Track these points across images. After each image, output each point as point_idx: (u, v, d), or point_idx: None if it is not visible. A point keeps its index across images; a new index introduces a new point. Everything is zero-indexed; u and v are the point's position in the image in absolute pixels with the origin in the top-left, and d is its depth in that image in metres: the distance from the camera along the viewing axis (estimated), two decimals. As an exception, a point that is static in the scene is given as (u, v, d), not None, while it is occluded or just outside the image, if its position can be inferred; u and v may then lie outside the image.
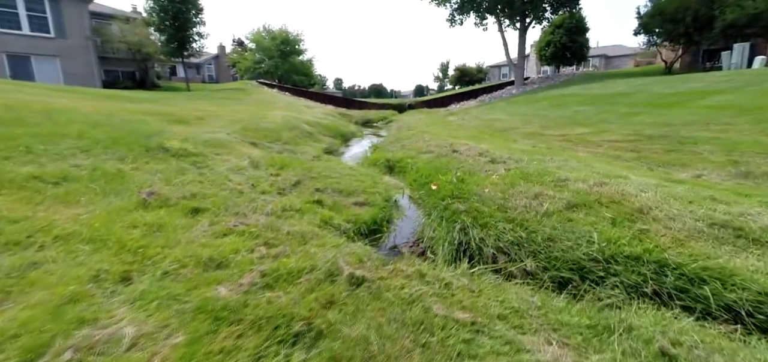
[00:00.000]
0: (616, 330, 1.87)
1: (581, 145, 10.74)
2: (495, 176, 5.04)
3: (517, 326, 1.89)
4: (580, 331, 1.88)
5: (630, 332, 1.86)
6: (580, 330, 1.89)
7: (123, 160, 4.84)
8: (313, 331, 1.77)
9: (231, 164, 5.96)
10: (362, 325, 1.81)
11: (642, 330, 1.87)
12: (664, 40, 29.79)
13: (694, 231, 3.07)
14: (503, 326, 1.87)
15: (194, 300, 2.00)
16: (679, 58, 30.17)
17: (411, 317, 1.89)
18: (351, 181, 5.87)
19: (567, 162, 6.45)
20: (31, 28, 25.91)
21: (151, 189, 3.88)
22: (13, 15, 25.10)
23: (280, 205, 4.27)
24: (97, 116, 6.76)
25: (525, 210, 3.69)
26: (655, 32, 30.17)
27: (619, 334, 1.85)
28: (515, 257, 3.15)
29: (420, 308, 1.99)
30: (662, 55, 31.90)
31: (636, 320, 2.00)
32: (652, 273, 2.72)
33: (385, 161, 8.47)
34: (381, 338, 1.71)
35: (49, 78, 26.07)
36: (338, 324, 1.81)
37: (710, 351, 1.73)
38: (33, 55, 26.27)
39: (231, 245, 2.82)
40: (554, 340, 1.78)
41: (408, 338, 1.73)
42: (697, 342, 1.81)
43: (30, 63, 26.15)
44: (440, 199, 4.45)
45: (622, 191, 3.95)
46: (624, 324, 1.93)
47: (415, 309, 1.98)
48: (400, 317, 1.89)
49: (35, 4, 26.04)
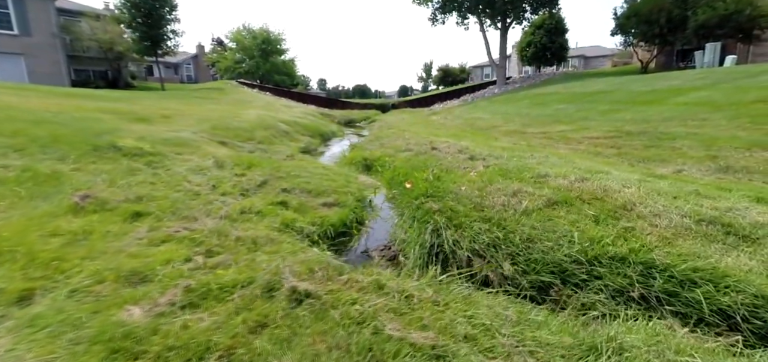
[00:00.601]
0: (604, 352, 1.59)
1: (562, 142, 10.66)
2: (473, 173, 4.76)
3: (488, 349, 1.59)
4: (562, 354, 1.59)
5: (621, 354, 1.58)
6: (562, 351, 1.60)
7: (63, 159, 4.35)
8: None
9: (192, 164, 5.51)
10: (296, 355, 1.48)
11: (634, 350, 1.60)
12: (640, 40, 30.46)
13: (682, 228, 2.85)
14: (470, 349, 1.56)
15: (95, 327, 1.62)
16: (655, 58, 30.91)
17: (359, 342, 1.56)
18: (322, 180, 5.50)
19: (547, 158, 6.26)
20: (-8, 24, 24.49)
21: (86, 193, 3.43)
22: (-29, 10, 23.69)
23: (239, 208, 3.88)
24: (45, 113, 6.18)
25: (503, 209, 3.42)
26: (631, 33, 30.81)
27: (608, 357, 1.57)
28: (492, 260, 2.86)
29: (371, 329, 1.66)
30: (638, 55, 32.65)
31: (627, 337, 1.72)
32: (639, 276, 2.47)
33: (362, 160, 8.13)
34: (315, 372, 1.38)
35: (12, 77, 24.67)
36: (266, 355, 1.47)
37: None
38: (-6, 53, 24.82)
39: (165, 254, 2.43)
40: (530, 367, 1.49)
41: (351, 371, 1.41)
42: None
43: (-10, 61, 24.69)
44: (414, 198, 4.15)
45: (605, 187, 3.73)
46: (613, 343, 1.65)
47: (366, 330, 1.65)
48: (344, 343, 1.55)
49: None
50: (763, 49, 26.08)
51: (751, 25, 23.70)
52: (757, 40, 24.69)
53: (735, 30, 24.45)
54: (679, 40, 28.99)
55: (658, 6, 27.15)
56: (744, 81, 13.02)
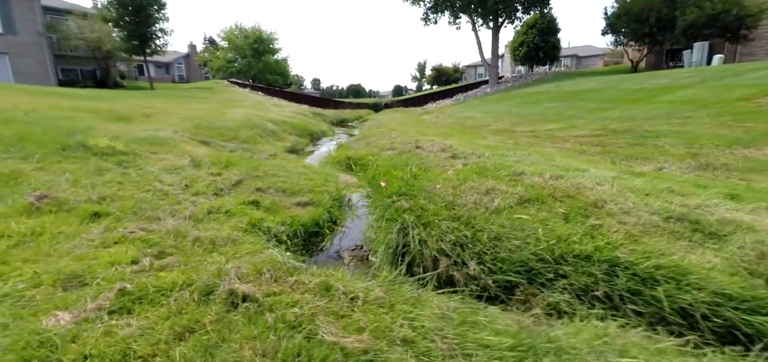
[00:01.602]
0: (542, 354, 1.53)
1: (548, 141, 10.65)
2: (450, 171, 4.70)
3: (423, 352, 1.52)
4: (499, 356, 1.53)
5: (559, 356, 1.52)
6: (500, 353, 1.54)
7: (27, 159, 4.21)
8: (150, 374, 1.35)
9: (167, 164, 5.39)
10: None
11: (573, 352, 1.54)
12: (630, 39, 30.69)
13: (650, 225, 2.81)
14: (404, 354, 1.49)
15: (13, 334, 1.52)
16: (644, 57, 31.16)
17: (289, 348, 1.48)
18: (300, 179, 5.41)
19: (529, 156, 6.22)
20: (-26, 22, 24.03)
21: (43, 193, 3.31)
22: (-46, 9, 23.23)
23: (207, 207, 3.78)
24: (15, 112, 6.01)
25: (474, 207, 3.36)
26: (622, 32, 31.02)
27: (546, 359, 1.50)
28: (458, 259, 2.80)
29: (305, 333, 1.58)
30: (628, 54, 32.92)
31: (572, 338, 1.66)
32: (603, 274, 2.42)
33: (346, 159, 8.04)
34: (232, 382, 1.30)
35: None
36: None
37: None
38: (-23, 52, 24.35)
39: (112, 257, 2.33)
40: (463, 372, 1.43)
41: (271, 379, 1.33)
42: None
43: (-27, 60, 24.22)
44: (387, 196, 4.07)
45: (578, 184, 3.68)
46: (553, 344, 1.59)
47: (298, 335, 1.57)
48: (272, 350, 1.47)
49: (-21, -3, 24.18)
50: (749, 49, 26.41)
51: (738, 25, 23.98)
52: (744, 39, 25.00)
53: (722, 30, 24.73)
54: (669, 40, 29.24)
55: (647, 6, 27.37)
56: (730, 79, 13.13)
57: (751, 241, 2.47)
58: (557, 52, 39.79)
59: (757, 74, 12.84)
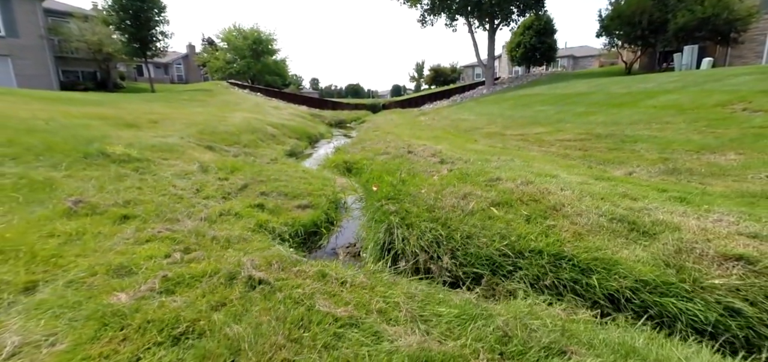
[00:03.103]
0: (477, 319, 2.05)
1: (536, 145, 11.20)
2: (436, 177, 5.23)
3: (392, 319, 2.04)
4: (448, 321, 2.05)
5: (489, 319, 2.05)
6: (448, 320, 2.06)
7: (56, 167, 4.71)
8: (196, 332, 1.86)
9: (178, 169, 5.89)
10: (244, 325, 1.91)
11: (499, 318, 2.06)
12: (624, 41, 31.25)
13: (596, 225, 3.34)
14: (378, 319, 2.02)
15: (89, 308, 2.03)
16: (638, 59, 31.75)
17: (294, 316, 2.01)
18: (300, 183, 5.93)
19: (512, 161, 6.75)
20: (-22, 26, 24.37)
21: (78, 198, 3.81)
22: (-43, 12, 23.57)
23: (219, 210, 4.29)
24: (36, 121, 6.50)
25: (451, 210, 3.88)
26: (615, 34, 31.56)
27: (478, 322, 2.03)
28: (434, 254, 3.32)
29: (305, 306, 2.11)
30: (622, 56, 33.52)
31: (503, 309, 2.19)
32: (551, 266, 2.95)
33: (344, 163, 8.56)
34: (256, 336, 1.81)
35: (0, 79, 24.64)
36: (221, 325, 1.90)
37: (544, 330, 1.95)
38: (-19, 55, 24.70)
39: (148, 251, 2.84)
40: (418, 330, 1.95)
41: (282, 334, 1.84)
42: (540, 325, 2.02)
43: (-23, 63, 24.58)
44: (377, 201, 4.59)
45: (545, 189, 4.21)
46: (485, 313, 2.11)
47: (301, 307, 2.09)
48: (283, 316, 1.99)
49: (-18, 1, 24.53)
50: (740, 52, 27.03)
51: (728, 29, 24.58)
52: (734, 42, 25.58)
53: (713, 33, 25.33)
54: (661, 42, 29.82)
55: (640, 8, 27.92)
56: (710, 85, 13.69)
57: (674, 239, 3.00)
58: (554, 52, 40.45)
59: (736, 80, 13.41)
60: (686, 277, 2.62)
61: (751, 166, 6.00)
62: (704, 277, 2.59)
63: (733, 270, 2.63)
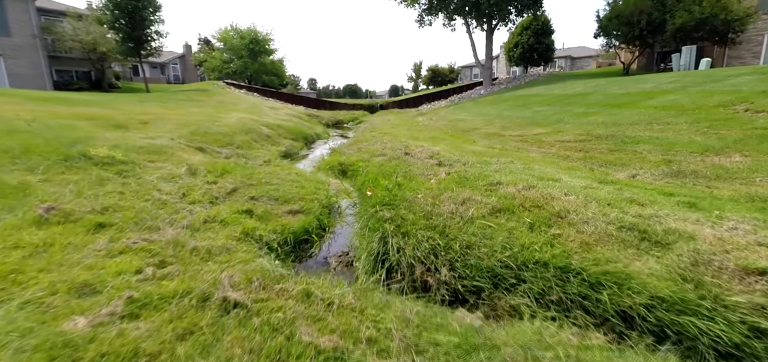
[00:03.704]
0: (480, 350, 1.83)
1: (535, 146, 11.00)
2: (433, 181, 5.01)
3: (383, 350, 1.81)
4: (446, 352, 1.82)
5: (495, 350, 1.83)
6: (446, 350, 1.83)
7: (32, 170, 4.45)
8: (157, 368, 1.63)
9: (164, 172, 5.64)
10: (213, 358, 1.68)
11: (506, 348, 1.84)
12: (622, 42, 31.15)
13: (604, 234, 3.12)
14: (367, 350, 1.79)
15: (41, 336, 1.80)
16: (636, 59, 31.67)
17: (271, 347, 1.78)
18: (292, 187, 5.69)
19: (511, 164, 6.54)
20: (-32, 24, 24.00)
21: (51, 204, 3.57)
22: (-53, 10, 23.19)
23: (204, 216, 4.05)
24: (18, 122, 6.24)
25: (450, 217, 3.66)
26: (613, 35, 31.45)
27: (481, 354, 1.80)
28: (432, 266, 3.10)
29: (285, 335, 1.87)
30: (620, 56, 33.44)
31: (509, 336, 1.97)
32: (558, 280, 2.73)
33: (339, 165, 8.33)
34: (226, 373, 1.59)
35: (-9, 78, 24.26)
36: (187, 359, 1.67)
37: None
38: (-29, 54, 24.33)
39: (118, 266, 2.60)
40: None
41: (256, 371, 1.62)
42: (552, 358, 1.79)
43: (-32, 62, 24.21)
44: (371, 206, 4.36)
45: (548, 195, 4.00)
46: (489, 342, 1.89)
47: (280, 336, 1.86)
48: (258, 347, 1.76)
49: (-27, -2, 24.17)
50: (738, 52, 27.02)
51: (726, 29, 24.53)
52: (733, 43, 25.55)
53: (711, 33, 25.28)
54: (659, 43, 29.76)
55: (638, 8, 27.84)
56: (710, 85, 13.55)
57: (689, 250, 2.79)
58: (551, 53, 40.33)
59: (736, 80, 13.27)
60: (706, 293, 2.41)
61: (758, 169, 5.81)
62: (725, 294, 2.38)
63: (757, 286, 2.42)
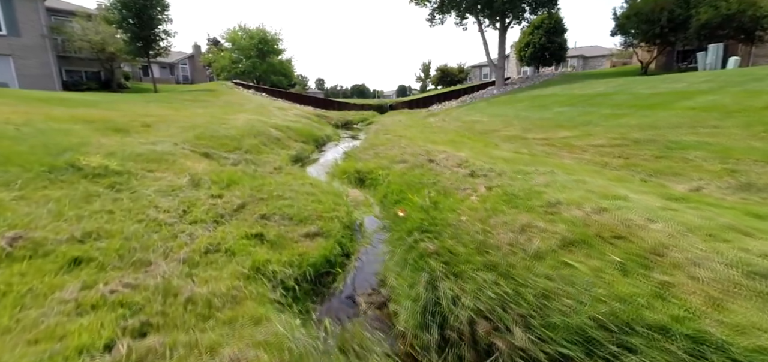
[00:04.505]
0: None
1: (565, 150, 10.17)
2: (474, 197, 4.26)
3: None
4: None
5: None
6: None
7: (8, 185, 3.81)
8: None
9: (164, 184, 4.98)
10: None
11: None
12: (640, 40, 29.96)
13: (730, 283, 2.35)
14: None
15: None
16: (655, 58, 30.47)
17: None
18: (307, 201, 4.98)
19: (554, 175, 5.75)
20: (-22, 25, 23.90)
21: (18, 232, 2.90)
22: (-42, 11, 23.10)
23: (206, 243, 3.35)
24: (6, 127, 5.63)
25: (510, 251, 2.91)
26: (631, 33, 30.27)
27: None
28: (499, 323, 2.36)
29: None
30: (638, 55, 32.23)
31: None
32: (687, 355, 1.97)
33: (355, 172, 7.61)
34: None
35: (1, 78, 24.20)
36: None
37: None
38: (-19, 54, 24.24)
39: (84, 335, 1.91)
40: None
41: None
42: None
43: (-22, 62, 24.12)
44: (407, 233, 3.63)
45: (627, 220, 3.22)
46: None
47: None
48: None
49: (-17, -1, 24.08)
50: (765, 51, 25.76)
51: (754, 26, 23.31)
52: (760, 41, 24.32)
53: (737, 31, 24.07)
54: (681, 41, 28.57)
55: (659, 5, 26.68)
56: (752, 85, 12.56)
57: None
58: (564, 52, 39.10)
59: (782, 79, 12.28)
60: None
61: None
62: None
63: None
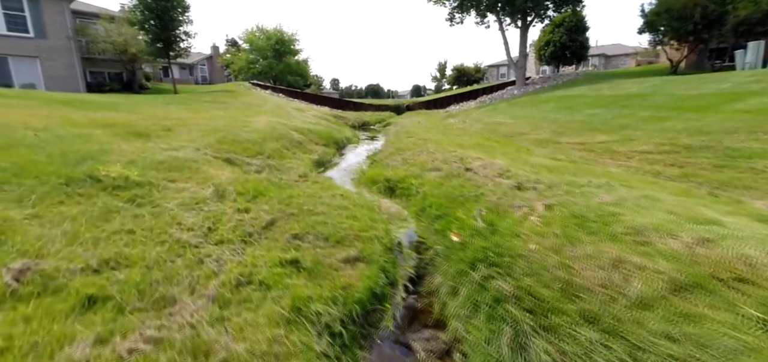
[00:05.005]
0: None
1: (607, 156, 9.45)
2: (534, 218, 3.71)
3: None
4: None
5: None
6: None
7: (21, 201, 3.47)
8: None
9: (187, 196, 4.60)
10: None
11: None
12: (671, 38, 28.51)
13: None
14: None
15: None
16: (686, 57, 28.98)
17: None
18: (342, 217, 4.52)
19: (613, 188, 5.13)
20: (8, 27, 24.50)
21: (26, 262, 2.52)
22: (-11, 14, 23.69)
23: (236, 273, 2.92)
24: (23, 131, 5.37)
25: (607, 295, 2.37)
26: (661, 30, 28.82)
27: None
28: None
29: None
30: (667, 53, 30.74)
31: None
32: None
33: (385, 181, 7.12)
34: None
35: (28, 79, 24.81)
36: None
37: None
38: (10, 56, 24.87)
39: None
40: None
41: None
42: None
43: (7, 64, 24.77)
44: (469, 265, 3.10)
45: (744, 256, 2.63)
46: None
47: None
48: None
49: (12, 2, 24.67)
50: (807, 48, 24.11)
51: (796, 22, 21.82)
52: (803, 38, 22.76)
53: (779, 27, 22.59)
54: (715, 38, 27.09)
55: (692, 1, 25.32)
56: (811, 85, 11.53)
57: None
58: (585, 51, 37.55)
59: None
60: None
61: None
62: None
63: None
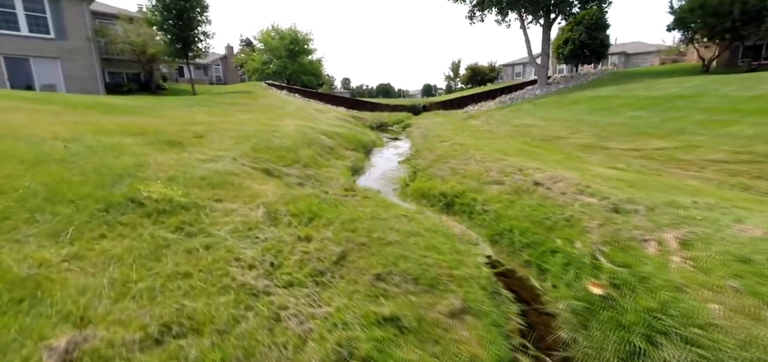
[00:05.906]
0: None
1: (672, 165, 8.59)
2: (676, 258, 2.97)
3: None
4: None
5: None
6: None
7: (57, 236, 2.87)
8: None
9: (237, 220, 3.98)
10: None
11: None
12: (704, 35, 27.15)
13: None
14: None
15: None
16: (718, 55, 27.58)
17: None
18: (420, 247, 3.84)
19: (725, 209, 4.34)
20: (30, 28, 24.50)
21: (70, 338, 1.89)
22: (11, 15, 23.71)
23: (331, 344, 2.25)
24: (52, 143, 4.83)
25: None
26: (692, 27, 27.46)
27: None
28: None
29: None
30: (699, 51, 29.34)
31: None
32: None
33: (441, 195, 6.41)
34: None
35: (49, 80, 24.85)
36: None
37: None
38: (31, 57, 24.90)
39: None
40: None
41: None
42: None
43: (29, 65, 24.79)
44: (638, 336, 2.38)
45: None
46: None
47: None
48: None
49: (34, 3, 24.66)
50: None
51: None
52: None
53: (827, 23, 21.24)
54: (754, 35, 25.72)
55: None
56: None
57: None
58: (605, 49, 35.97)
59: None
60: None
61: None
62: None
63: None
